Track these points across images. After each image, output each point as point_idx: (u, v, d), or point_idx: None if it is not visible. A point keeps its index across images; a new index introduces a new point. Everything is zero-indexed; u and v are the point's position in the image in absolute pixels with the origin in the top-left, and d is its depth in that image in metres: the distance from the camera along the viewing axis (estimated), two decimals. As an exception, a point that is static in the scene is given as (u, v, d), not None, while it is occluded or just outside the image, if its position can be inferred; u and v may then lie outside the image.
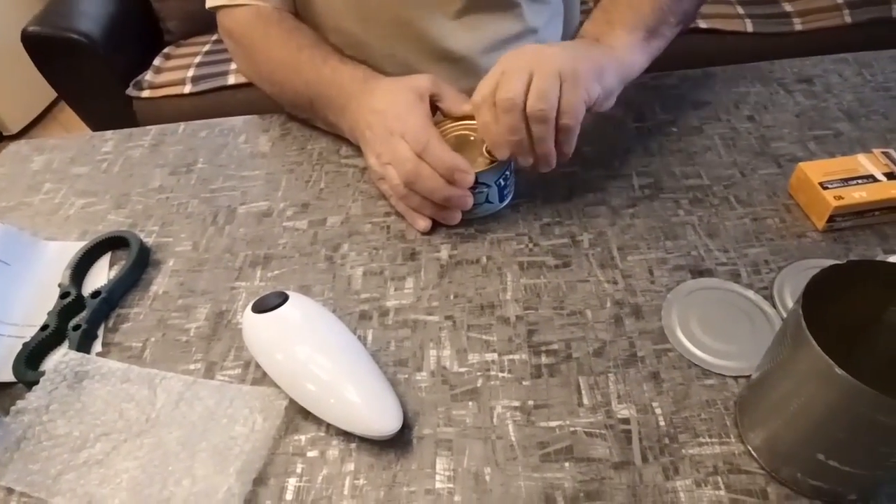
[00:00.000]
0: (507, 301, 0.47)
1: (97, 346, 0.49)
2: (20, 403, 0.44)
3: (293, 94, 0.65)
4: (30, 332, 0.49)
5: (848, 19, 1.42)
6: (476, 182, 0.50)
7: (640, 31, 0.56)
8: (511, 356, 0.44)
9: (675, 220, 0.52)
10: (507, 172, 0.53)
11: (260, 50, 0.66)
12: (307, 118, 0.67)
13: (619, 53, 0.54)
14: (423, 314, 0.47)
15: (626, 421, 0.39)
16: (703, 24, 1.43)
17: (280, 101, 0.68)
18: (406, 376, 0.43)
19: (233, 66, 1.53)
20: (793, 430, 0.34)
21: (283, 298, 0.44)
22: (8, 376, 0.46)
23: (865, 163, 0.50)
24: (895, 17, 1.41)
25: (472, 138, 0.55)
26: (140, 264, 0.54)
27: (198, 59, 1.59)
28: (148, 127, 0.72)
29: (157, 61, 1.61)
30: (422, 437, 0.40)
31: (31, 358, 0.47)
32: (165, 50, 1.66)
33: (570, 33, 0.84)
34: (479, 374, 0.43)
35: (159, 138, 0.70)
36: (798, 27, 1.42)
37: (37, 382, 0.45)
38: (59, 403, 0.44)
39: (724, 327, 0.43)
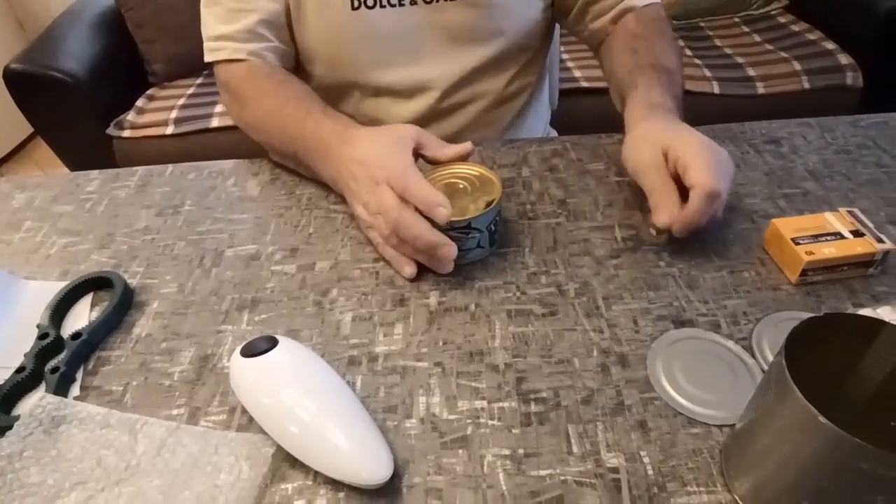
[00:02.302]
0: (496, 348, 0.48)
1: (75, 390, 0.47)
2: (-8, 449, 0.42)
3: (279, 144, 0.67)
4: (4, 375, 0.47)
5: (806, 85, 1.51)
6: (469, 227, 0.51)
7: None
8: (500, 404, 0.44)
9: (656, 271, 0.54)
10: (497, 218, 0.54)
11: (251, 102, 0.69)
12: (294, 168, 0.69)
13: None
14: (413, 360, 0.47)
15: (615, 470, 0.39)
16: (672, 85, 1.51)
17: (269, 150, 0.71)
18: (395, 423, 0.43)
19: (217, 108, 1.54)
20: (778, 479, 0.35)
21: (273, 343, 0.44)
22: (-21, 420, 0.44)
23: (833, 221, 0.53)
24: (848, 84, 1.51)
25: (461, 186, 0.56)
26: (123, 306, 0.53)
27: (181, 101, 1.60)
28: (134, 168, 0.72)
29: (140, 102, 1.61)
30: (412, 485, 0.39)
31: (5, 401, 0.46)
32: (149, 91, 1.67)
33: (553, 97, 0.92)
34: (468, 421, 0.43)
35: (146, 179, 0.70)
36: (761, 91, 1.51)
37: (10, 427, 0.43)
38: (34, 450, 0.42)
39: (707, 377, 0.45)
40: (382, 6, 0.69)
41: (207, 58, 0.72)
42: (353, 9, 0.69)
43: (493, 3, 0.71)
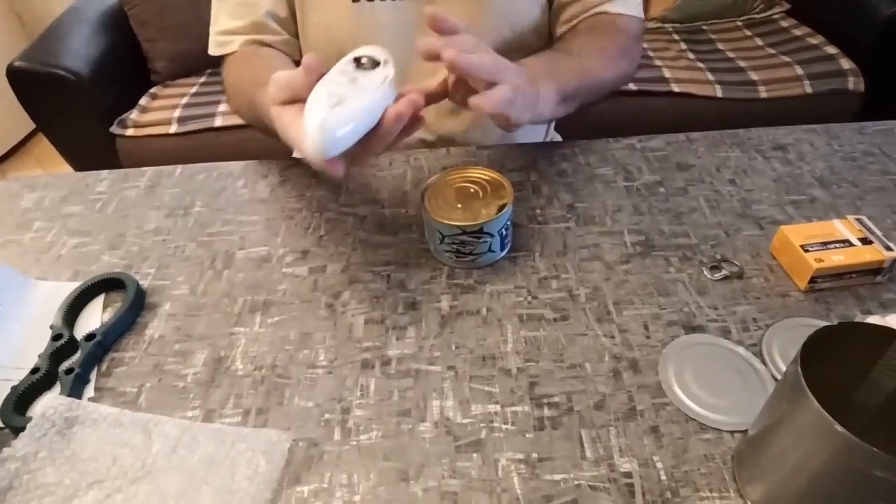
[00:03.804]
0: (508, 353, 0.48)
1: (89, 391, 0.48)
2: (6, 451, 0.42)
3: (247, 110, 0.67)
4: (19, 375, 0.47)
5: (808, 89, 1.52)
6: (481, 232, 0.52)
7: (560, 94, 0.59)
8: (514, 408, 0.44)
9: (666, 276, 0.54)
10: (508, 222, 0.55)
11: (233, 79, 0.71)
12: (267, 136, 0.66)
13: (541, 104, 0.56)
14: (426, 364, 0.48)
15: (628, 475, 0.40)
16: (676, 88, 1.51)
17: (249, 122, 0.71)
18: (409, 427, 0.44)
19: (220, 107, 1.54)
20: (791, 485, 0.35)
21: None
22: (-5, 421, 0.45)
23: (841, 228, 0.53)
24: (850, 89, 1.52)
25: (472, 190, 0.57)
26: (136, 307, 0.54)
27: (185, 100, 1.60)
28: (143, 168, 0.73)
29: (143, 101, 1.61)
30: (427, 489, 0.40)
31: (20, 402, 0.46)
32: (152, 90, 1.67)
33: None
34: (482, 425, 0.43)
35: (155, 180, 0.71)
36: (763, 95, 1.52)
37: (24, 428, 0.43)
38: (48, 450, 0.43)
39: (718, 382, 0.45)
40: None
41: (215, 51, 0.73)
42: (354, 1, 0.69)
43: None
